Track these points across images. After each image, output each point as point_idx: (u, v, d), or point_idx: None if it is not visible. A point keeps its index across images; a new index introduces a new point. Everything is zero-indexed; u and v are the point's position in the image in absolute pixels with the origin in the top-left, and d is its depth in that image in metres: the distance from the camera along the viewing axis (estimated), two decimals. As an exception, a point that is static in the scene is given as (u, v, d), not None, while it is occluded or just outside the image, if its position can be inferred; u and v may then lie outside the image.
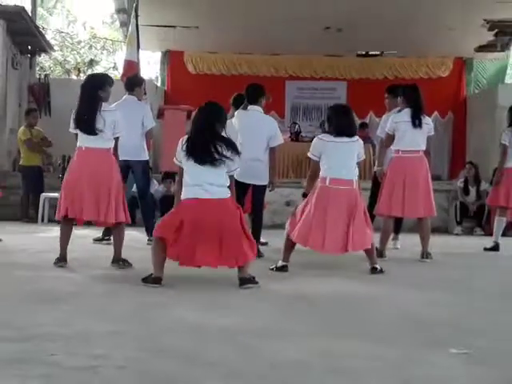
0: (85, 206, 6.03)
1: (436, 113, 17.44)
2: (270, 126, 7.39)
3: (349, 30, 15.43)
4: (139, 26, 11.55)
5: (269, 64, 17.90)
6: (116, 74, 22.33)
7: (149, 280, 5.14)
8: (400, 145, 7.35)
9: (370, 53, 17.81)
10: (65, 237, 6.17)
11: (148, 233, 8.13)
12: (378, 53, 17.81)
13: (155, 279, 5.13)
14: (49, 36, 18.74)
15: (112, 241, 6.61)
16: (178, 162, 5.41)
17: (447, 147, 17.49)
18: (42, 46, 14.99)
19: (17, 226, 10.65)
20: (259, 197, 7.44)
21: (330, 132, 6.38)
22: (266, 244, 8.07)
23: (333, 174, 6.20)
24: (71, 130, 6.25)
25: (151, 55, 21.85)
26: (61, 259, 6.07)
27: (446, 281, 6.07)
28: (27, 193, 11.96)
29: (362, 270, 6.22)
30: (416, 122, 7.25)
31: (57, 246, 6.21)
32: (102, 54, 26.72)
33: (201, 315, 4.06)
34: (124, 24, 14.40)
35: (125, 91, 8.32)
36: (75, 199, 6.04)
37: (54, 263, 6.03)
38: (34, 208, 11.87)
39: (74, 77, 23.69)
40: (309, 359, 3.08)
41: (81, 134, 6.15)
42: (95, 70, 24.35)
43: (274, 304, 4.62)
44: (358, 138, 6.41)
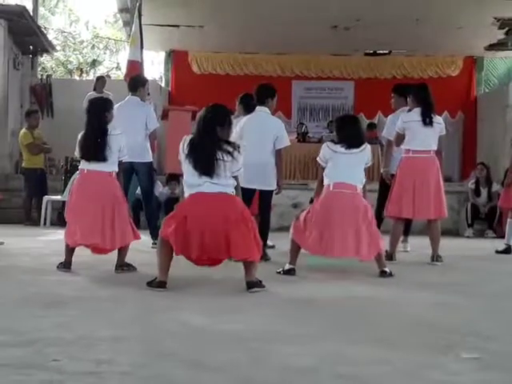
0: (92, 231, 6.04)
1: (446, 113, 17.40)
2: (277, 128, 7.38)
3: (356, 28, 15.42)
4: (142, 26, 11.55)
5: (275, 63, 17.92)
6: (119, 75, 22.39)
7: (153, 284, 5.14)
8: (411, 145, 7.32)
9: (378, 52, 17.80)
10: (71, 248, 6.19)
11: (152, 236, 8.13)
12: (386, 52, 17.79)
13: (160, 283, 5.12)
14: (51, 36, 18.80)
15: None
16: (181, 159, 5.38)
17: (457, 148, 17.46)
18: (43, 46, 15.04)
19: (19, 229, 10.67)
20: (267, 201, 7.42)
21: (338, 142, 6.39)
22: (273, 247, 8.07)
23: (337, 179, 6.21)
24: (77, 155, 6.29)
25: (155, 55, 21.91)
26: (66, 265, 6.07)
27: (456, 284, 6.05)
28: (30, 195, 11.99)
29: (371, 274, 6.21)
30: (427, 120, 7.23)
31: (60, 250, 6.23)
32: (105, 54, 26.79)
33: (207, 320, 4.06)
34: (127, 23, 14.40)
35: (128, 92, 8.34)
36: (81, 225, 6.06)
37: (58, 267, 6.04)
38: (36, 211, 11.90)
39: (76, 77, 23.75)
40: (319, 364, 3.08)
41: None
42: (98, 70, 24.42)
43: (281, 308, 4.62)
44: (366, 144, 6.42)
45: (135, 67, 11.07)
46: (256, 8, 14.15)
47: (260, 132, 7.15)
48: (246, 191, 6.35)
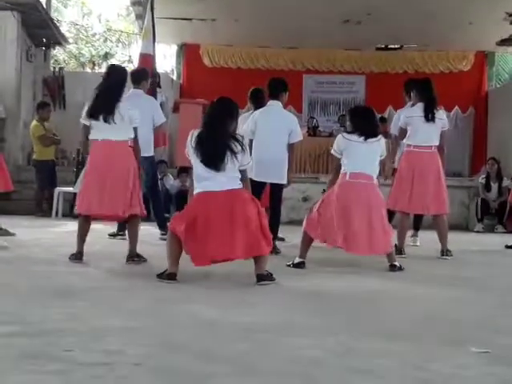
0: (103, 201, 6.05)
1: (457, 107, 17.39)
2: (291, 122, 7.37)
3: (368, 22, 15.37)
4: (155, 19, 11.52)
5: (286, 57, 17.87)
6: (131, 67, 22.39)
7: (163, 276, 5.14)
8: (412, 140, 7.32)
9: (390, 46, 17.73)
10: (83, 232, 6.19)
11: (160, 227, 8.14)
12: (398, 46, 17.73)
13: (170, 275, 5.12)
14: (63, 29, 18.76)
15: (126, 236, 6.61)
16: (188, 154, 5.37)
17: (468, 143, 17.40)
18: (56, 39, 15.04)
19: (31, 220, 10.70)
20: (278, 194, 7.41)
21: (353, 132, 6.36)
22: (283, 240, 8.06)
23: (353, 169, 6.18)
24: (83, 121, 6.25)
25: (167, 48, 21.88)
26: (77, 255, 6.09)
27: (466, 278, 6.04)
28: (41, 187, 12.02)
29: (381, 268, 6.20)
30: (429, 115, 7.21)
31: (71, 241, 6.25)
32: (117, 46, 26.75)
33: (217, 311, 4.06)
34: (139, 17, 14.41)
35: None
36: (94, 195, 6.07)
37: (70, 258, 6.06)
38: (48, 202, 11.93)
39: (88, 70, 23.77)
40: (327, 357, 3.08)
41: (96, 125, 6.16)
42: (110, 63, 24.40)
43: (291, 301, 4.62)
44: (380, 136, 6.39)
45: (147, 60, 11.06)
46: (268, 1, 14.13)
47: (274, 126, 7.14)
48: (257, 184, 6.35)
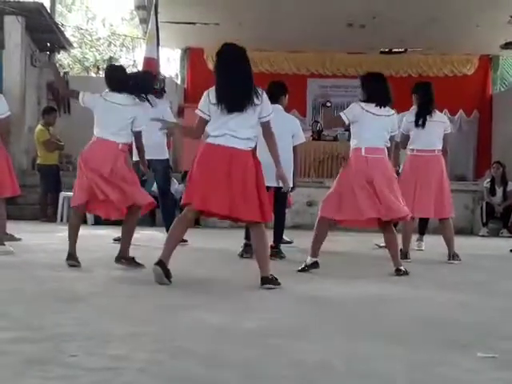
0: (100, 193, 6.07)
1: (461, 111, 17.41)
2: (293, 124, 7.39)
3: (372, 26, 15.41)
4: (159, 23, 11.57)
5: (290, 61, 17.92)
6: (136, 72, 22.37)
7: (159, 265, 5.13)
8: (414, 144, 7.33)
9: (394, 50, 17.76)
10: (74, 231, 6.21)
11: (167, 231, 8.14)
12: (402, 50, 17.75)
13: (158, 263, 5.12)
14: (68, 33, 18.82)
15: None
16: (202, 113, 5.27)
17: (473, 146, 17.41)
18: (60, 43, 15.08)
19: (36, 225, 10.72)
20: (283, 198, 7.41)
21: (367, 101, 6.31)
22: (290, 242, 8.06)
23: (368, 144, 6.15)
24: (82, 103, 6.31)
25: (171, 52, 21.90)
26: (70, 257, 6.13)
27: (471, 283, 6.04)
28: (45, 192, 12.03)
29: (385, 272, 6.19)
30: (419, 121, 7.22)
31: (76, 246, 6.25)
32: (122, 51, 26.83)
33: (222, 317, 4.06)
34: (144, 21, 14.46)
35: None
36: (90, 189, 6.08)
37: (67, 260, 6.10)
38: (52, 207, 11.95)
39: (93, 74, 23.80)
40: (333, 360, 3.07)
41: (99, 123, 6.20)
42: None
43: (295, 305, 4.61)
44: (393, 112, 6.37)
45: (151, 64, 11.09)
46: (271, 5, 14.16)
47: (277, 130, 7.11)
48: None
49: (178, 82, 18.01)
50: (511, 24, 15.77)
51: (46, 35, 14.06)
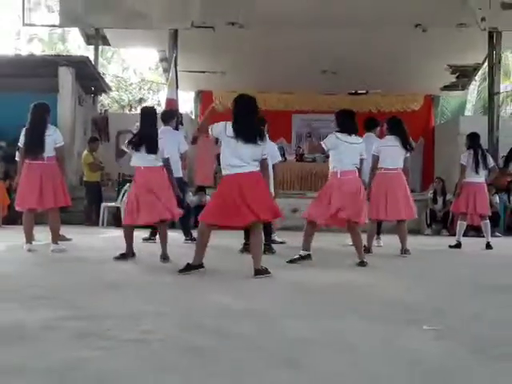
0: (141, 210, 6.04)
1: (410, 138, 17.40)
2: (270, 148, 7.37)
3: (342, 73, 15.56)
4: (178, 72, 11.60)
5: (279, 100, 17.95)
6: (160, 109, 22.37)
7: (185, 270, 5.11)
8: (383, 164, 7.35)
9: (359, 92, 17.82)
10: (129, 238, 6.15)
11: (184, 234, 8.14)
12: (365, 91, 17.81)
13: (198, 266, 5.10)
14: (107, 79, 18.74)
15: (157, 240, 6.60)
16: (214, 134, 5.17)
17: (419, 166, 17.44)
18: (102, 88, 15.07)
19: (81, 228, 10.67)
20: None
21: (339, 131, 6.30)
22: (283, 243, 8.03)
23: (343, 168, 6.15)
24: (126, 149, 6.24)
25: (187, 95, 21.94)
26: (126, 255, 6.08)
27: (419, 271, 6.02)
28: (90, 203, 12.02)
29: (354, 264, 6.16)
30: (407, 146, 7.31)
31: (115, 245, 6.21)
32: (149, 93, 26.84)
33: (225, 299, 4.04)
34: (166, 70, 14.50)
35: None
36: (135, 208, 6.04)
37: (117, 258, 6.04)
38: (94, 214, 11.92)
39: (127, 111, 23.82)
40: (315, 335, 3.05)
41: (138, 155, 6.13)
42: (142, 105, 24.47)
43: (285, 290, 4.58)
44: (361, 140, 6.37)
45: (172, 103, 11.12)
46: (265, 59, 14.30)
47: None
48: None
49: (193, 117, 18.00)
50: (448, 71, 15.89)
51: (90, 81, 14.06)
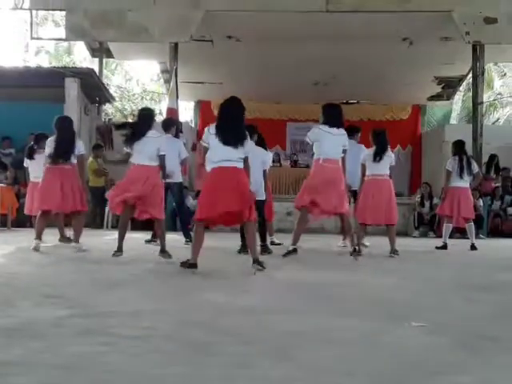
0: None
1: (399, 146, 17.52)
2: (263, 155, 7.48)
3: (333, 84, 15.63)
4: (178, 83, 11.61)
5: (274, 110, 17.98)
6: (161, 118, 22.39)
7: (186, 265, 5.10)
8: (369, 171, 7.36)
9: (349, 101, 17.85)
10: (122, 232, 6.17)
11: (184, 235, 8.13)
12: (355, 101, 17.85)
13: (191, 265, 5.08)
14: (111, 90, 18.77)
15: (158, 242, 6.60)
16: (205, 143, 5.23)
17: (407, 171, 17.48)
18: (106, 98, 15.11)
19: (87, 230, 10.61)
20: (262, 207, 7.44)
21: (325, 123, 6.31)
22: (280, 244, 8.03)
23: (325, 155, 6.15)
24: (127, 150, 6.25)
25: (187, 104, 21.96)
26: (118, 249, 6.11)
27: (407, 271, 6.02)
28: (95, 206, 12.00)
29: (345, 264, 6.17)
30: (377, 158, 7.25)
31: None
32: (151, 103, 26.89)
33: (222, 297, 4.03)
34: (167, 81, 14.50)
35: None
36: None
37: (113, 255, 6.05)
38: (99, 217, 11.91)
39: (130, 120, 23.81)
40: (305, 330, 3.05)
41: (136, 153, 6.14)
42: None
43: (279, 288, 4.59)
44: (345, 132, 6.35)
45: (173, 112, 11.14)
46: (261, 71, 14.35)
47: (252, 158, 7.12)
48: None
49: (192, 125, 18.01)
50: (434, 82, 15.94)
51: (95, 92, 14.08)
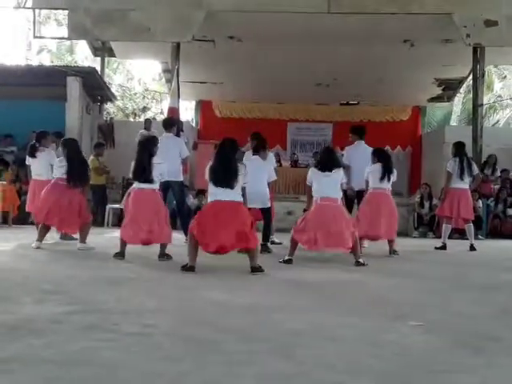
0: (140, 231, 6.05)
1: (399, 146, 17.55)
2: (268, 169, 7.73)
3: (335, 85, 15.59)
4: (179, 82, 11.59)
5: (275, 110, 17.97)
6: (162, 118, 22.40)
7: (185, 268, 5.15)
8: (373, 185, 7.35)
9: (350, 102, 17.88)
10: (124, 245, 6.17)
11: (185, 234, 8.11)
12: (356, 102, 17.86)
13: (190, 268, 5.13)
14: (113, 89, 18.77)
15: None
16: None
17: (407, 172, 17.45)
18: (108, 97, 15.10)
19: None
20: (267, 213, 7.58)
21: (316, 166, 6.47)
22: (280, 243, 8.05)
23: (321, 195, 6.21)
24: (130, 176, 6.27)
25: (188, 103, 21.96)
26: (120, 254, 6.05)
27: (407, 270, 6.03)
28: (96, 204, 11.99)
29: (347, 264, 6.17)
30: (384, 178, 7.26)
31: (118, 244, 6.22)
32: (152, 102, 26.86)
33: (224, 295, 4.05)
34: (168, 80, 14.51)
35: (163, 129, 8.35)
36: (136, 228, 6.05)
37: (114, 256, 6.03)
38: (100, 215, 11.91)
39: (131, 119, 23.83)
40: (305, 328, 3.07)
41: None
42: (147, 114, 24.43)
43: (279, 287, 4.60)
44: (337, 170, 6.38)
45: (174, 112, 11.10)
46: (262, 72, 14.30)
47: (256, 173, 7.09)
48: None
49: (194, 124, 18.01)
50: (434, 84, 15.93)
51: (97, 91, 14.07)
